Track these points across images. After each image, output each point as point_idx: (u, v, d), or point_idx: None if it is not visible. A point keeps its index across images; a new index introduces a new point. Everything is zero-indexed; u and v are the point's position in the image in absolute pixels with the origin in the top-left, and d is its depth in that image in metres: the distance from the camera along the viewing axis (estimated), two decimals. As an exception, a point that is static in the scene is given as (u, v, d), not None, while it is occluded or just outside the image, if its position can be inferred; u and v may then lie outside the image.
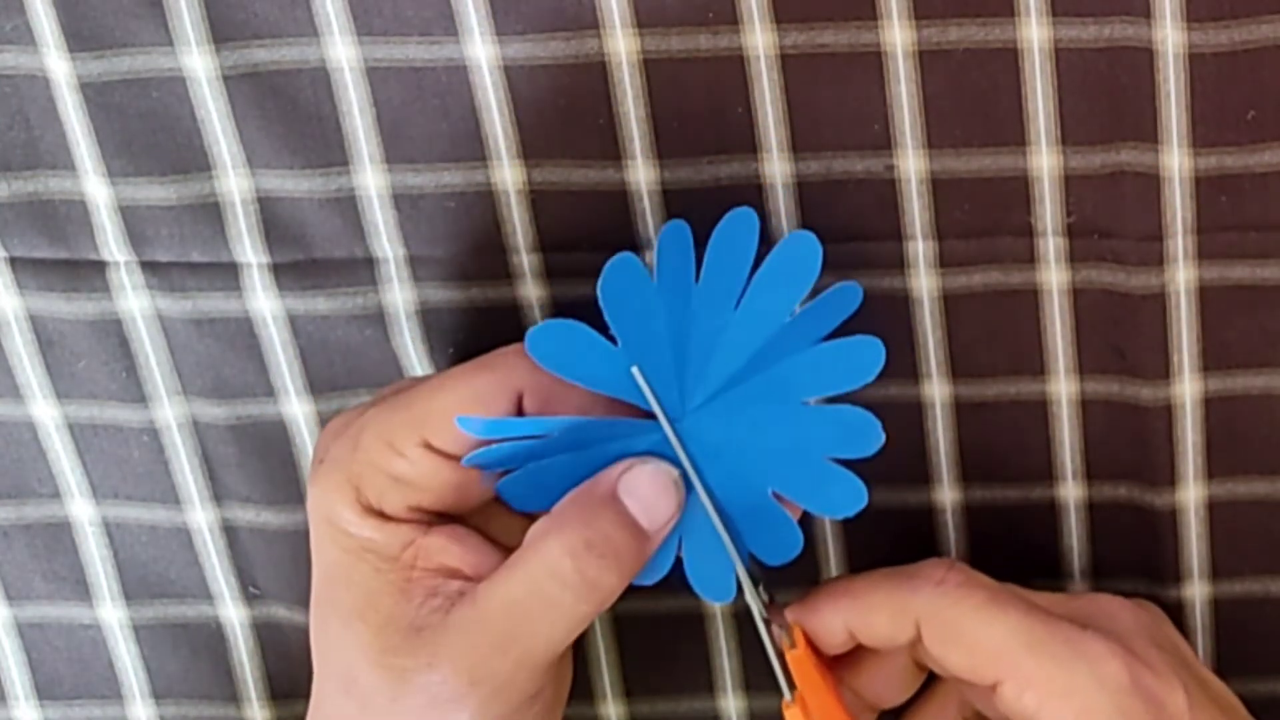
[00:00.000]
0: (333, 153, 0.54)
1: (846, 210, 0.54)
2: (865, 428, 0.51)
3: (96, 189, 0.54)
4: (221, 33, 0.52)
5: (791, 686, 0.52)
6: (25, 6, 0.53)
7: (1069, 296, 0.54)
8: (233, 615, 0.59)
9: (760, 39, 0.52)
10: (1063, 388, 0.55)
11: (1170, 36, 0.51)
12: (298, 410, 0.57)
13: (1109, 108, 0.52)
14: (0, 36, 0.53)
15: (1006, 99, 0.52)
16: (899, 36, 0.52)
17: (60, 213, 0.55)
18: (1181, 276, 0.54)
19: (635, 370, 0.50)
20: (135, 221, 0.55)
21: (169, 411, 0.57)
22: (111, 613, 0.60)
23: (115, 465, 0.58)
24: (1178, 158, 0.52)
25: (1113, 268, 0.54)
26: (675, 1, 0.52)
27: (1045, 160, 0.53)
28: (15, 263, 0.56)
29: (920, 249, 0.54)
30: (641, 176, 0.54)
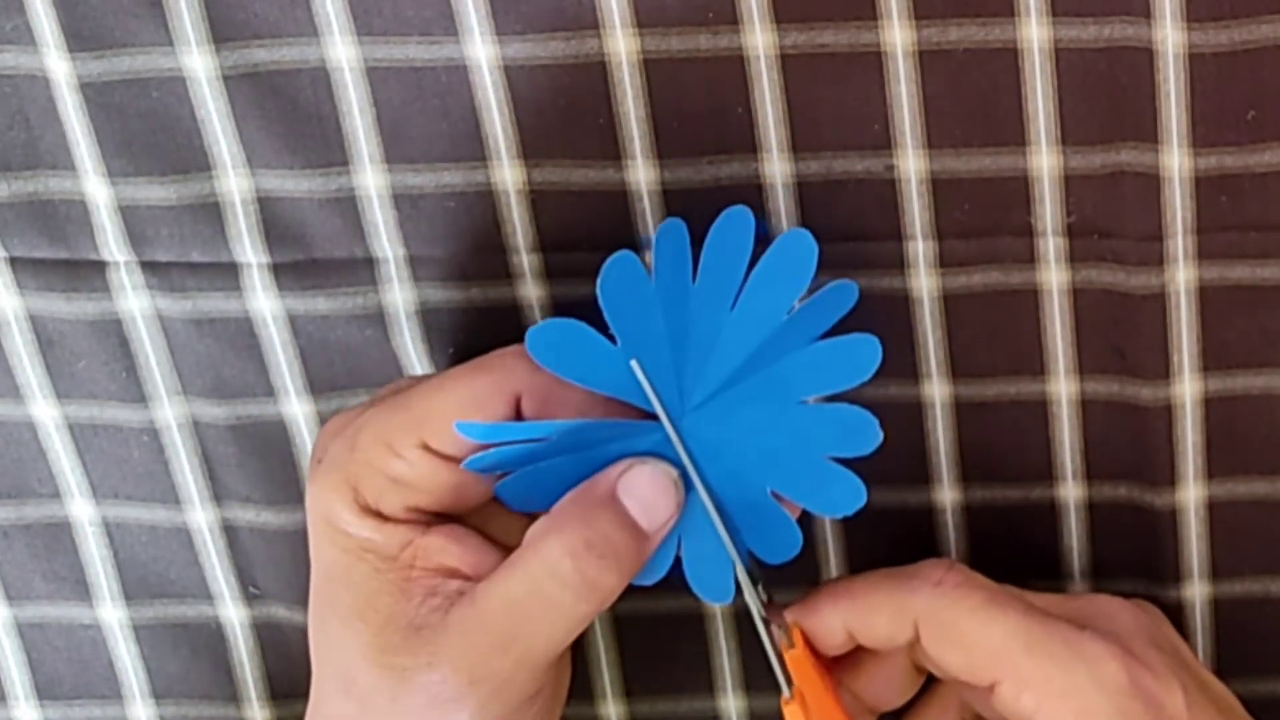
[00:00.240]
0: (333, 153, 0.54)
1: (846, 210, 0.53)
2: (863, 426, 0.51)
3: (96, 189, 0.54)
4: (221, 33, 0.52)
5: (790, 684, 0.52)
6: (25, 6, 0.53)
7: (1069, 296, 0.54)
8: (233, 615, 0.59)
9: (760, 39, 0.52)
10: (1063, 388, 0.55)
11: (1170, 36, 0.51)
12: (298, 410, 0.57)
13: (1109, 108, 0.52)
14: (0, 36, 0.53)
15: (1006, 99, 0.52)
16: (899, 36, 0.52)
17: (60, 213, 0.55)
18: (1181, 276, 0.54)
19: (634, 364, 0.50)
20: (135, 221, 0.55)
21: (169, 411, 0.57)
22: (111, 613, 0.60)
23: (115, 465, 0.58)
24: (1178, 158, 0.52)
25: (1113, 268, 0.54)
26: (675, 1, 0.52)
27: (1045, 160, 0.53)
28: (15, 263, 0.56)
29: (920, 249, 0.54)
30: (641, 176, 0.54)
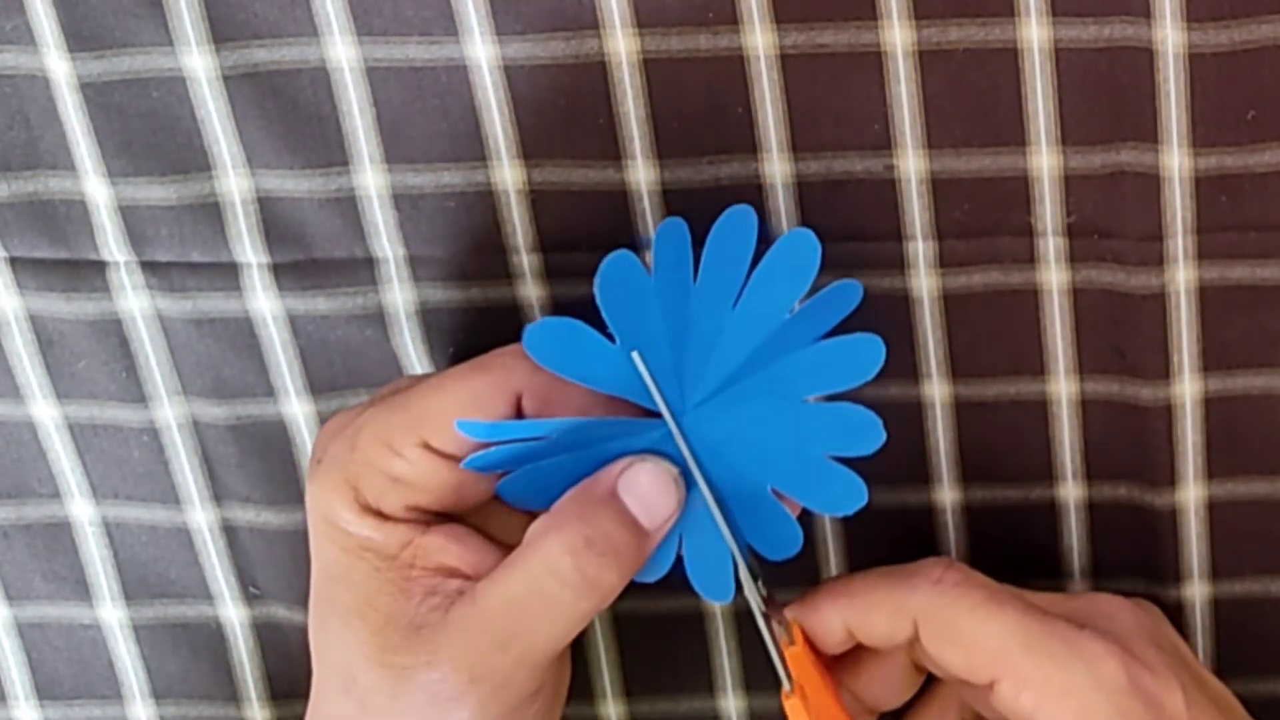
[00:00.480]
0: (333, 153, 0.54)
1: (846, 210, 0.53)
2: (866, 426, 0.51)
3: (96, 189, 0.54)
4: (221, 33, 0.52)
5: (791, 679, 0.52)
6: (25, 6, 0.53)
7: (1069, 296, 0.54)
8: (233, 615, 0.59)
9: (760, 39, 0.52)
10: (1063, 388, 0.55)
11: (1170, 36, 0.51)
12: (298, 410, 0.57)
13: (1109, 108, 0.52)
14: (0, 36, 0.53)
15: (1006, 99, 0.52)
16: (899, 36, 0.52)
17: (60, 213, 0.55)
18: (1181, 276, 0.54)
19: (636, 355, 0.50)
20: (135, 221, 0.55)
21: (169, 411, 0.57)
22: (111, 613, 0.60)
23: (115, 465, 0.58)
24: (1178, 158, 0.52)
25: (1113, 268, 0.54)
26: (675, 1, 0.52)
27: (1045, 160, 0.53)
28: (15, 263, 0.56)
29: (920, 249, 0.54)
30: (641, 176, 0.53)
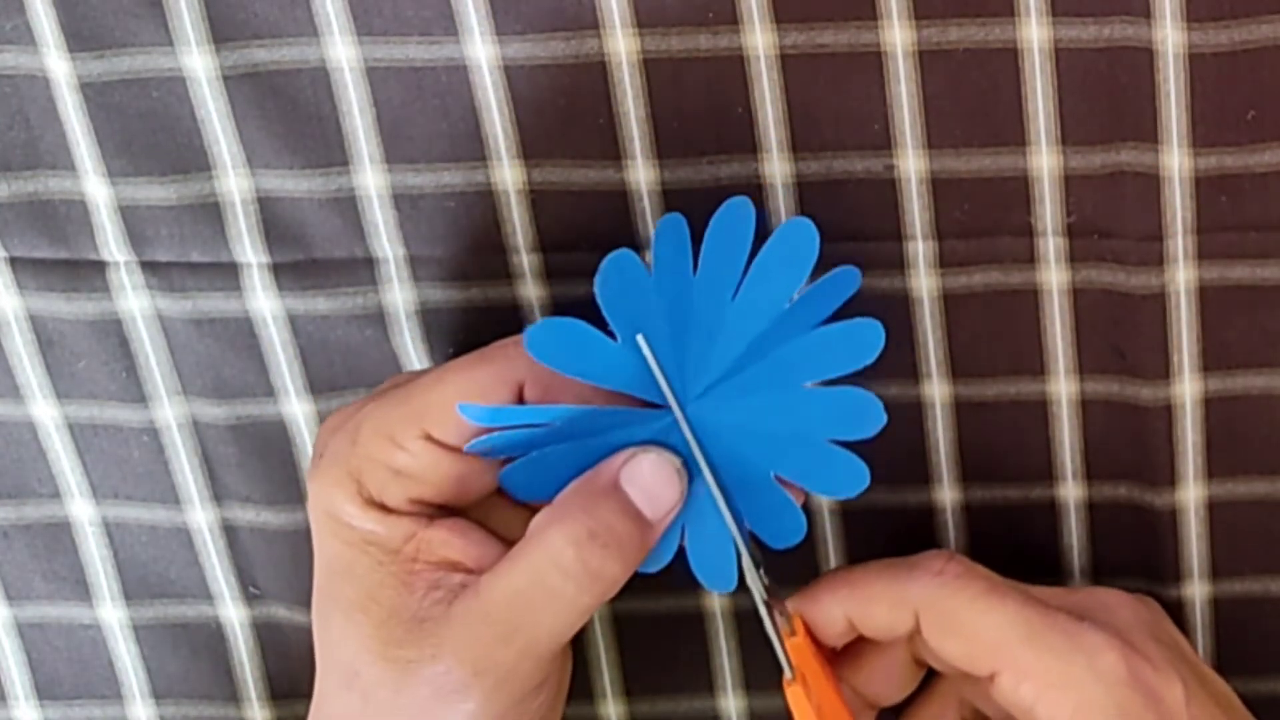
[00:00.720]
0: (333, 153, 0.54)
1: (846, 210, 0.53)
2: (867, 408, 0.51)
3: (96, 189, 0.54)
4: (221, 32, 0.52)
5: (793, 667, 0.52)
6: (25, 6, 0.53)
7: (1069, 296, 0.54)
8: (233, 615, 0.59)
9: (760, 39, 0.52)
10: (1063, 388, 0.55)
11: (1170, 36, 0.51)
12: (298, 410, 0.57)
13: (1109, 108, 0.52)
14: (0, 36, 0.53)
15: (1006, 99, 0.52)
16: (899, 36, 0.52)
17: (60, 213, 0.55)
18: (1181, 276, 0.54)
19: (641, 340, 0.49)
20: (135, 221, 0.55)
21: (169, 411, 0.57)
22: (111, 613, 0.60)
23: (115, 465, 0.58)
24: (1178, 158, 0.52)
25: (1113, 268, 0.54)
26: (675, 1, 0.52)
27: (1045, 160, 0.53)
28: (15, 263, 0.56)
29: (920, 249, 0.54)
30: (641, 176, 0.53)
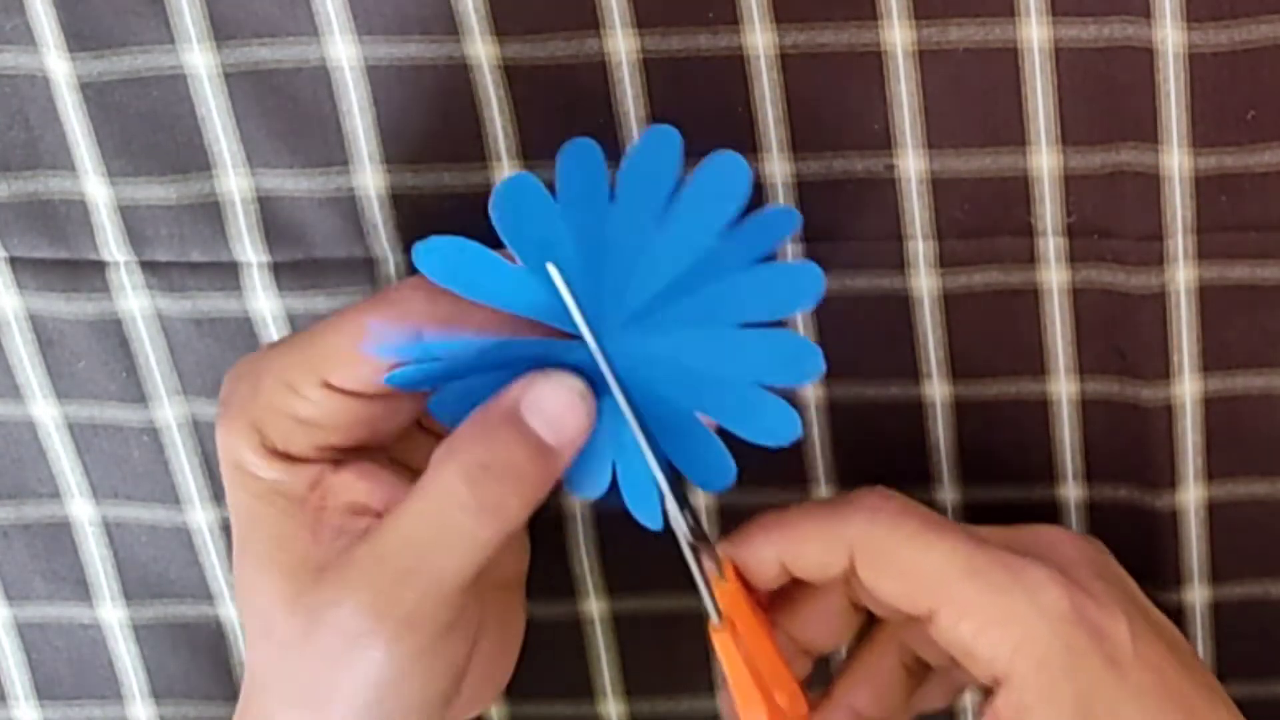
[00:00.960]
0: (333, 152, 0.54)
1: (846, 210, 0.53)
2: (803, 353, 0.49)
3: (96, 189, 0.54)
4: (222, 31, 0.52)
5: (720, 613, 0.50)
6: (25, 6, 0.53)
7: (1069, 296, 0.54)
8: (233, 615, 0.59)
9: (760, 39, 0.52)
10: (1063, 388, 0.55)
11: (1170, 36, 0.51)
12: (298, 410, 0.57)
13: (1109, 108, 0.52)
14: (0, 36, 0.53)
15: (1006, 99, 0.52)
16: (899, 36, 0.52)
17: (60, 213, 0.55)
18: (1181, 276, 0.54)
19: (552, 268, 0.47)
20: (135, 221, 0.55)
21: (169, 411, 0.57)
22: (111, 613, 0.60)
23: (115, 465, 0.58)
24: (1178, 157, 0.52)
25: (1113, 268, 0.54)
26: (675, 1, 0.52)
27: (1045, 160, 0.53)
28: (15, 263, 0.56)
29: (920, 249, 0.54)
30: (641, 176, 0.53)
